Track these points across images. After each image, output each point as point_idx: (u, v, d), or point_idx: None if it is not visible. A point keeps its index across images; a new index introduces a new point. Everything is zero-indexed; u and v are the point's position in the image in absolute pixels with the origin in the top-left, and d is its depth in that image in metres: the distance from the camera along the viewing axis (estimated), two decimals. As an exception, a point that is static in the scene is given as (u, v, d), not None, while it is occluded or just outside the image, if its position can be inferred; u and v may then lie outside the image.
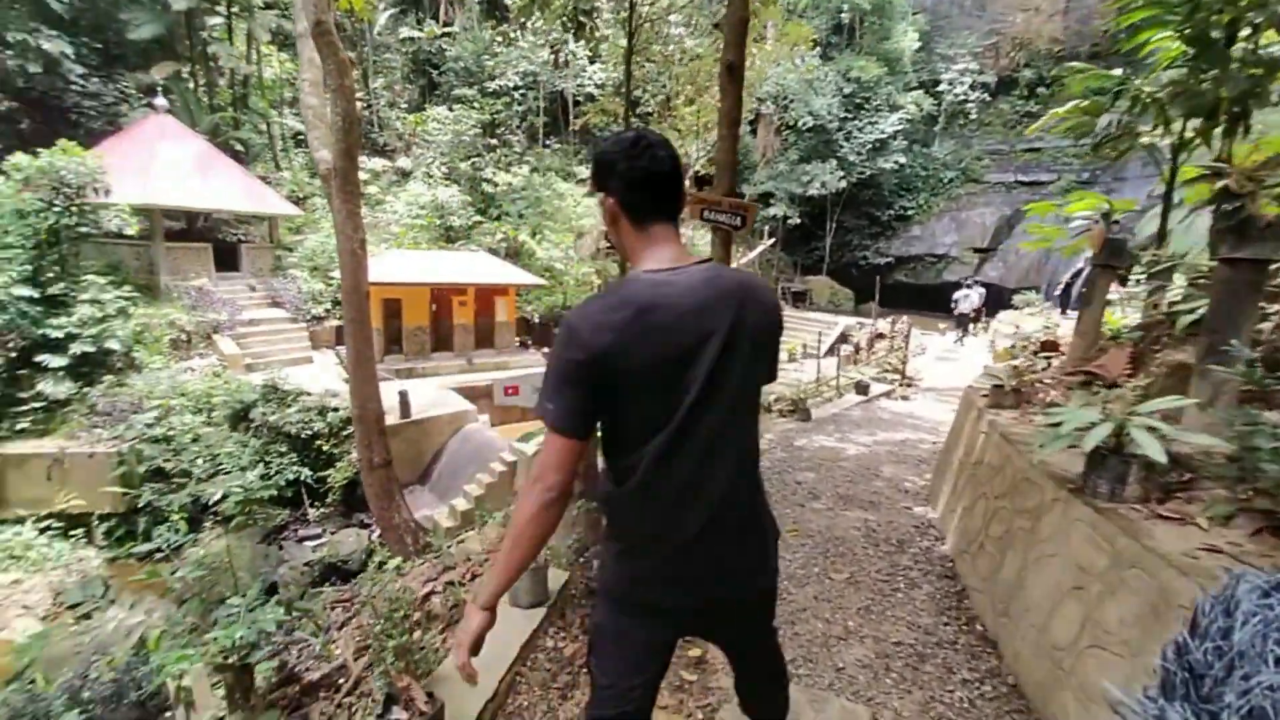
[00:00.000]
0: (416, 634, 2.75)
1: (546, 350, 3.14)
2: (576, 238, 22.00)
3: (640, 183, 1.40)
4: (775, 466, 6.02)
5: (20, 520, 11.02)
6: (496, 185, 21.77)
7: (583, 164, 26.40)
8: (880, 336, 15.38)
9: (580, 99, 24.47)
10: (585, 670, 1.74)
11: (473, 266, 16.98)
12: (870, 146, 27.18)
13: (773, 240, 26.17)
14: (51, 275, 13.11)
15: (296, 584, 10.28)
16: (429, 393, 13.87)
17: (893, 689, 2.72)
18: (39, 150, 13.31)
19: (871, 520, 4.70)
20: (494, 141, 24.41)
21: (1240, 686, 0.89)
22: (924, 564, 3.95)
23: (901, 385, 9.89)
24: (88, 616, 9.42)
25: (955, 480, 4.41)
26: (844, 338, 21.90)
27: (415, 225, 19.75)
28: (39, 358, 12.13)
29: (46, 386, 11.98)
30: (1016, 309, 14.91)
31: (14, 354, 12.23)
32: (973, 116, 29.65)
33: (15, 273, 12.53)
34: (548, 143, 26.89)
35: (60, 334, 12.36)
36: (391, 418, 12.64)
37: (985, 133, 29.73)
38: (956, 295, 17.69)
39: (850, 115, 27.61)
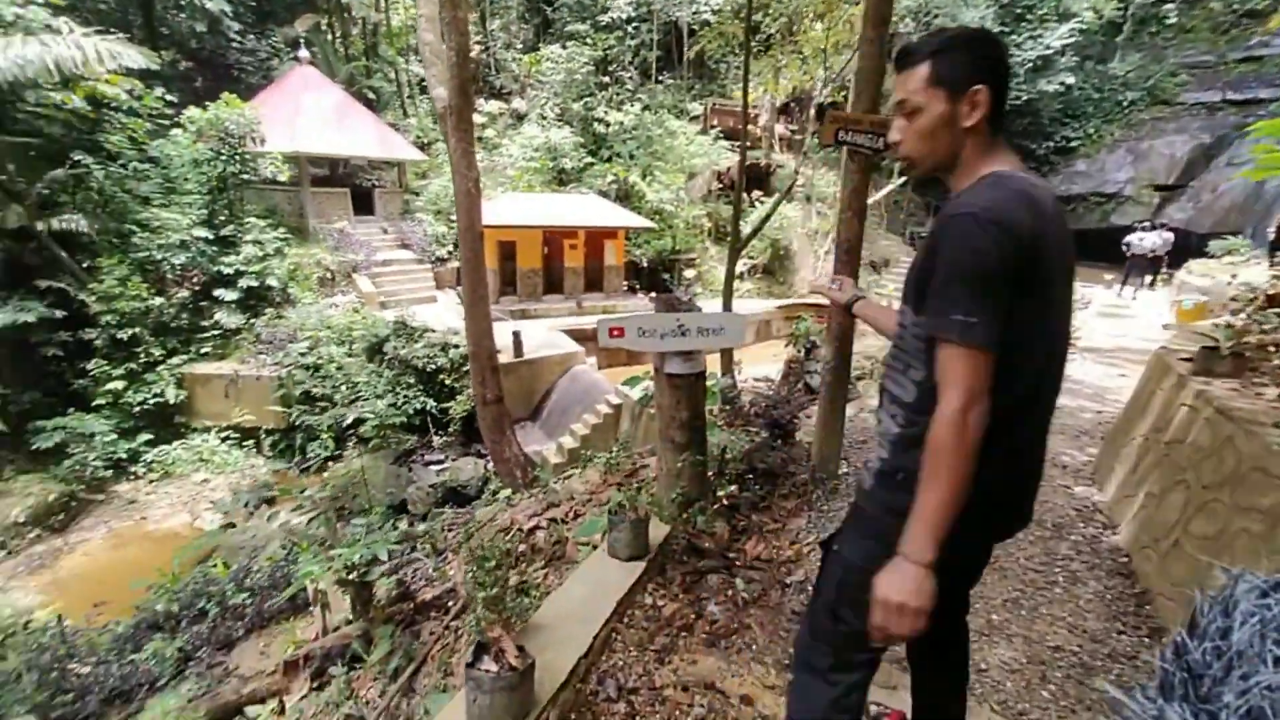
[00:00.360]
0: (513, 579, 2.66)
1: (654, 295, 2.89)
2: (688, 179, 21.21)
3: (1007, 78, 1.30)
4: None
5: (207, 430, 12.86)
6: (608, 125, 21.32)
7: (697, 99, 25.14)
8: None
9: (695, 26, 23.03)
10: (819, 632, 1.53)
11: (583, 209, 16.92)
12: (1030, 66, 23.38)
13: (905, 179, 23.70)
14: (223, 219, 14.72)
15: (422, 503, 11.22)
16: (540, 334, 14.22)
17: (1051, 704, 2.27)
18: (208, 104, 14.76)
19: (1021, 497, 4.07)
20: (606, 79, 23.81)
21: (1239, 686, 0.88)
22: (1088, 555, 3.32)
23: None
24: (253, 515, 10.90)
25: (1136, 460, 3.65)
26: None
27: (529, 168, 19.95)
28: (216, 292, 13.78)
29: (223, 317, 13.63)
30: (1213, 257, 12.41)
31: (198, 288, 14.00)
32: (1170, 20, 24.49)
33: (195, 216, 14.18)
34: (660, 78, 25.80)
35: (230, 270, 13.94)
36: (505, 356, 13.15)
37: (1185, 41, 24.50)
38: (1130, 238, 14.86)
39: (1008, 29, 23.79)
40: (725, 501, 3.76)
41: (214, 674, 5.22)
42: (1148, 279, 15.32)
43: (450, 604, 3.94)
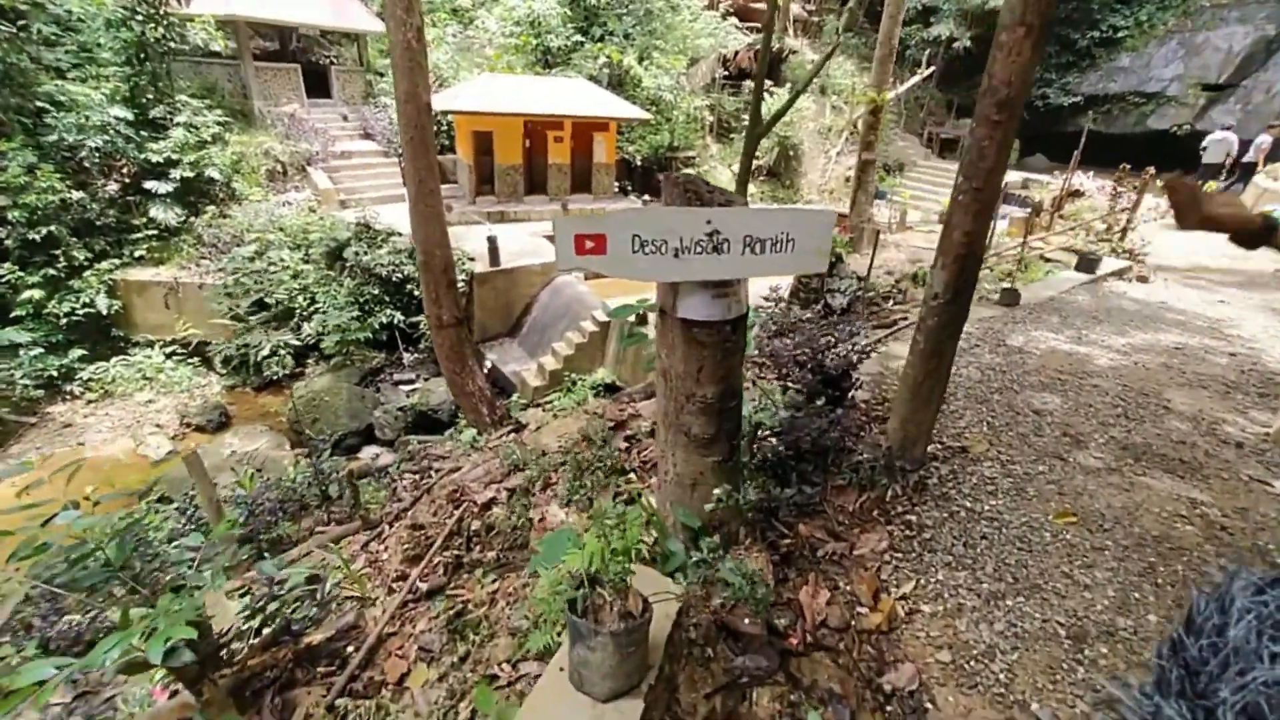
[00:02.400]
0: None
1: (666, 175, 1.63)
2: (690, 64, 18.48)
3: None
4: (992, 380, 4.10)
5: (150, 345, 11.37)
6: (601, -5, 18.22)
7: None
8: (1076, 194, 11.79)
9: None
10: None
11: (571, 96, 14.53)
12: (1084, -64, 20.03)
13: (930, 71, 20.96)
14: (150, 98, 12.39)
15: (390, 428, 10.03)
16: (521, 239, 12.48)
17: None
18: (109, -54, 11.95)
19: (1203, 501, 2.78)
20: (600, -61, 20.19)
21: (1235, 682, 0.87)
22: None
23: (1135, 262, 7.13)
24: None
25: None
26: (1006, 196, 17.88)
27: (509, 46, 17.16)
28: (147, 184, 11.77)
29: (158, 213, 11.72)
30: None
31: (127, 180, 11.96)
32: (1251, -116, 20.79)
33: (110, 89, 11.86)
34: (662, -57, 22.04)
35: (160, 158, 11.85)
36: (481, 265, 11.52)
37: (1263, -90, 20.95)
38: (1208, 140, 13.19)
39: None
40: (759, 506, 2.43)
41: None
42: (1226, 184, 13.53)
43: (350, 648, 2.69)
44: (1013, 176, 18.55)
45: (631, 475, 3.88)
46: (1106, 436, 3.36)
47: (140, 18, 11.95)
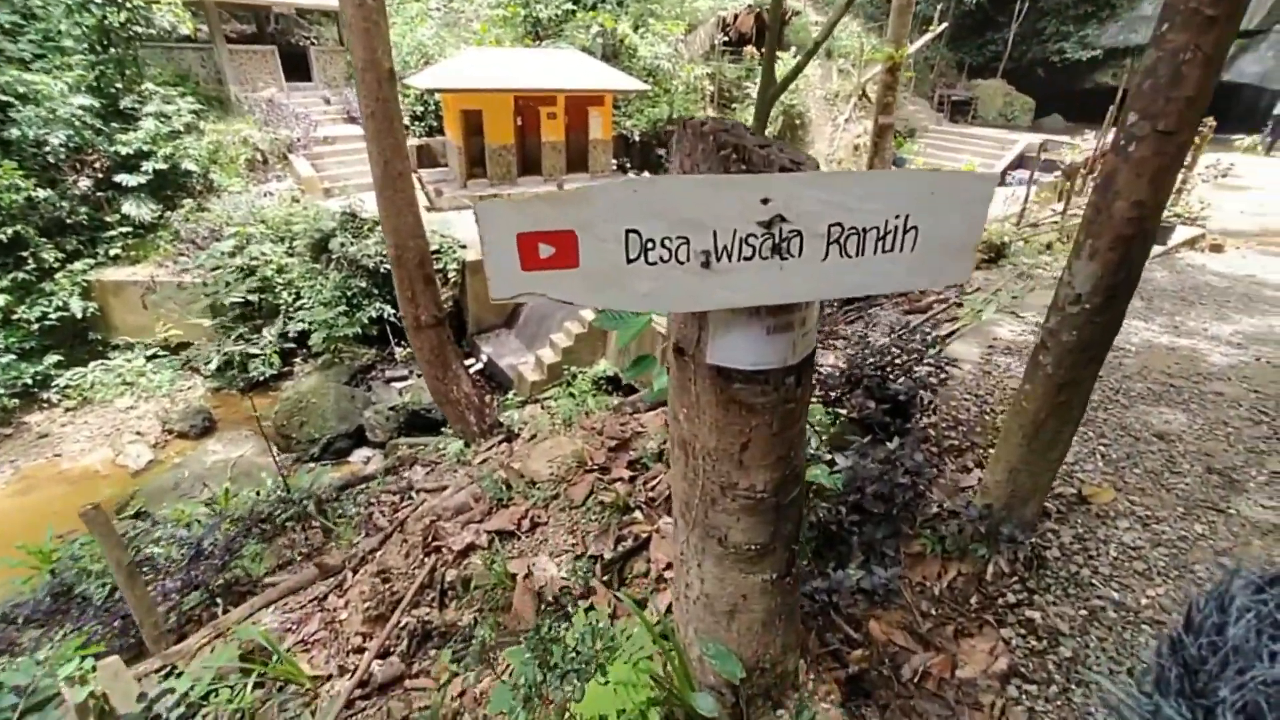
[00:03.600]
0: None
1: (686, 123, 1.00)
2: (688, 30, 17.33)
3: None
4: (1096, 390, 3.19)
5: (130, 347, 10.70)
6: (592, -39, 17.03)
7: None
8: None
9: None
10: None
11: (563, 69, 13.51)
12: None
13: (941, 29, 19.63)
14: (119, 87, 11.52)
15: (381, 429, 9.35)
16: (516, 224, 11.62)
17: None
18: (60, -80, 10.97)
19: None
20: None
21: (1235, 681, 0.86)
22: None
23: (1196, 227, 6.26)
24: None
25: None
26: (1023, 161, 16.83)
27: (497, 18, 16.06)
28: (118, 178, 10.97)
29: (130, 208, 10.94)
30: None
31: (100, 175, 11.15)
32: None
33: (73, 79, 10.99)
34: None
35: (130, 150, 11.02)
36: (472, 252, 10.71)
37: None
38: None
39: None
40: (813, 594, 1.69)
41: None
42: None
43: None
44: (1029, 139, 17.40)
45: (637, 514, 3.15)
46: (1265, 471, 2.58)
47: (99, 1, 11.02)
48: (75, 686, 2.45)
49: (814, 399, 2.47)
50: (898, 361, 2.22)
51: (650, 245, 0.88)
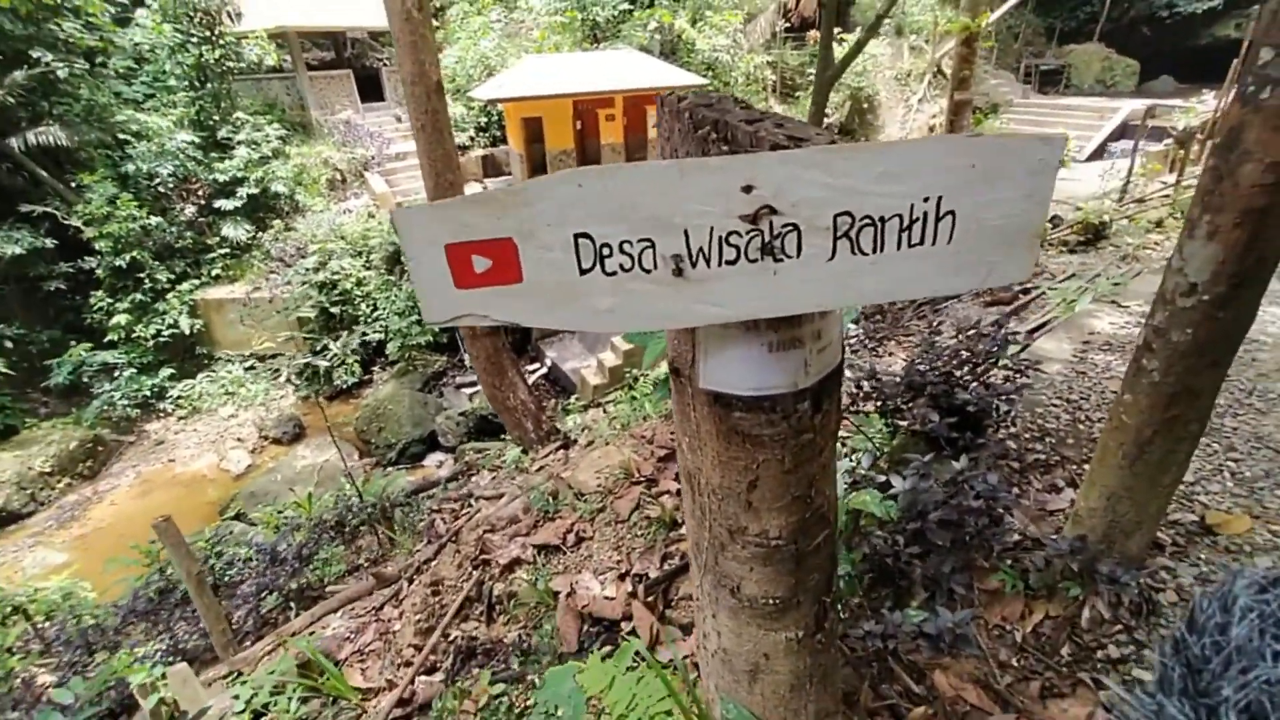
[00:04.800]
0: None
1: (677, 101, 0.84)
2: (747, 19, 16.85)
3: None
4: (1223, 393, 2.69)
5: (231, 360, 11.65)
6: (648, -41, 16.91)
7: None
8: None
9: None
10: None
11: (620, 69, 13.46)
12: None
13: (1027, -9, 18.00)
14: (216, 119, 12.61)
15: (453, 434, 9.65)
16: (575, 228, 11.69)
17: None
18: (162, -24, 12.11)
19: None
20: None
21: (1238, 680, 0.86)
22: None
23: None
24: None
25: None
26: (1126, 131, 15.19)
27: (555, 25, 16.26)
28: (217, 203, 12.00)
29: (229, 231, 11.93)
30: None
31: (203, 201, 12.23)
32: None
33: (178, 117, 12.13)
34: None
35: (227, 177, 12.02)
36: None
37: None
38: None
39: None
40: (865, 638, 1.46)
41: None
42: None
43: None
44: (1133, 105, 15.60)
45: (684, 530, 2.98)
46: None
47: (196, 39, 12.07)
48: (149, 694, 2.58)
49: (873, 409, 2.19)
50: (967, 366, 1.92)
51: (607, 252, 0.72)
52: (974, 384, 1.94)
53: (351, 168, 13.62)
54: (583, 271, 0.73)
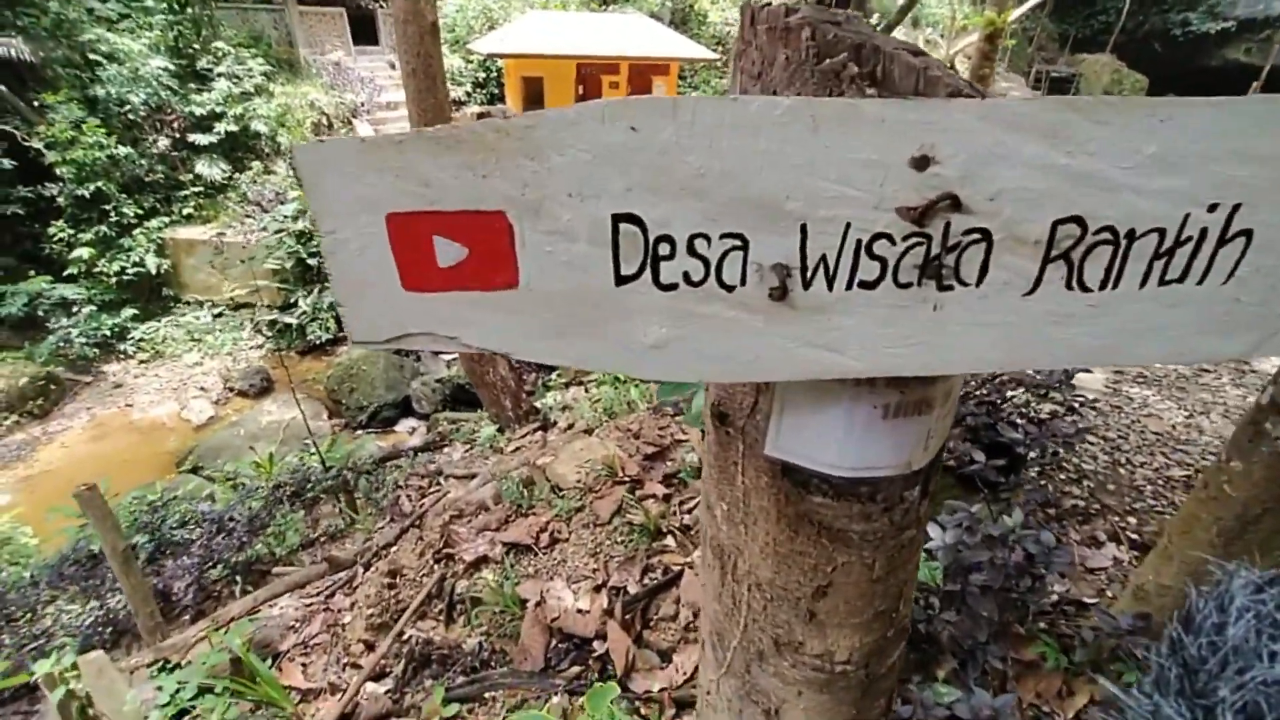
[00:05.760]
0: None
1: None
2: (763, -4, 16.20)
3: None
4: None
5: (200, 304, 11.08)
6: (665, -79, 16.11)
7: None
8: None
9: None
10: None
11: (628, 35, 12.85)
12: None
13: (1046, -4, 17.61)
14: (196, 48, 11.78)
15: (428, 400, 9.31)
16: (570, 197, 11.23)
17: None
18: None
19: None
20: None
21: (1234, 681, 0.85)
22: None
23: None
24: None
25: None
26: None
27: (564, -19, 15.47)
28: (192, 137, 11.28)
29: (203, 168, 11.25)
30: None
31: (177, 135, 11.48)
32: None
33: (152, 39, 11.28)
34: None
35: (204, 111, 11.28)
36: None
37: None
38: None
39: None
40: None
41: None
42: None
43: None
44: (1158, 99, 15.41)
45: (669, 540, 2.73)
46: None
47: (178, -41, 11.19)
48: (56, 686, 2.27)
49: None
50: (1012, 398, 1.67)
51: (665, 250, 0.42)
52: (1019, 419, 1.69)
53: (339, 113, 12.90)
54: (621, 279, 0.43)
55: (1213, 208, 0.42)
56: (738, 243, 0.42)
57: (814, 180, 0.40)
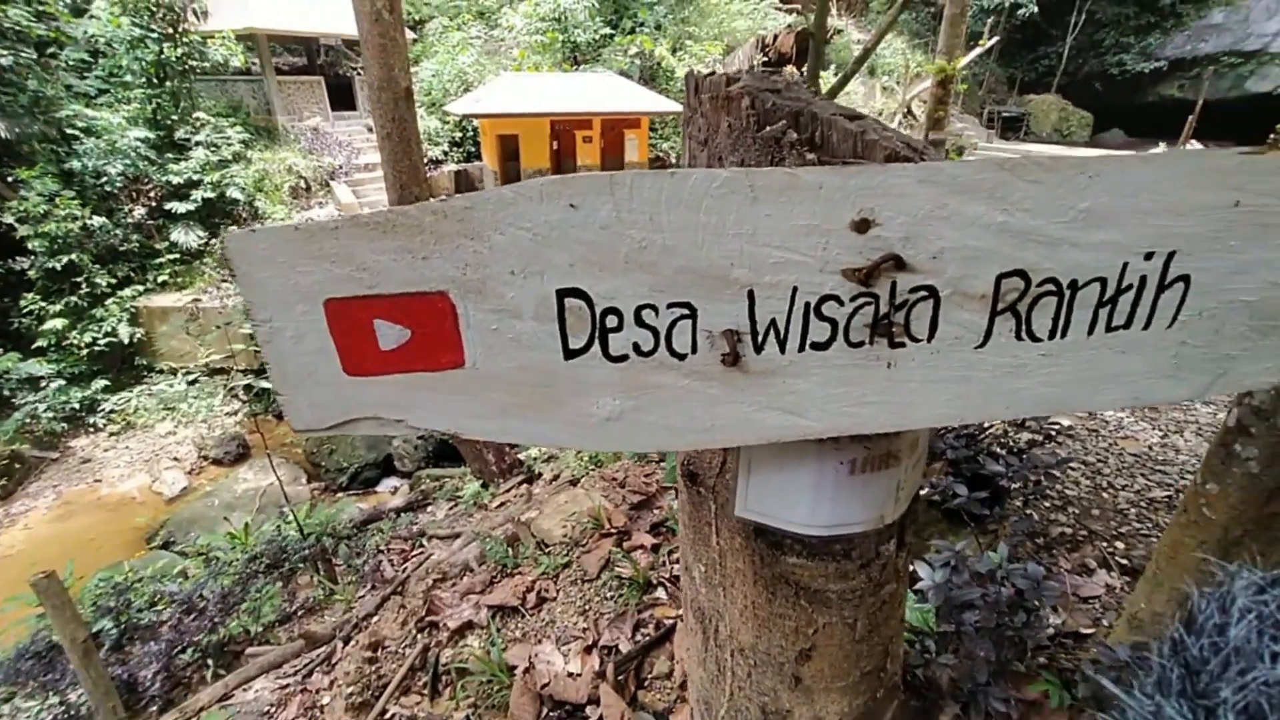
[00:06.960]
0: None
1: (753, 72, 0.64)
2: (726, 51, 17.07)
3: None
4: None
5: (174, 372, 10.86)
6: (630, -13, 17.05)
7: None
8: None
9: None
10: None
11: (599, 92, 13.37)
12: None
13: (993, 43, 18.78)
14: (174, 119, 11.96)
15: (410, 458, 9.14)
16: (548, 247, 11.39)
17: None
18: (122, -35, 11.52)
19: None
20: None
21: (1236, 682, 0.84)
22: None
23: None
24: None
25: None
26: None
27: (535, 45, 16.15)
28: (168, 205, 11.31)
29: (179, 235, 11.23)
30: None
31: (153, 204, 11.52)
32: None
33: (131, 114, 11.44)
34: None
35: (181, 179, 11.35)
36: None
37: None
38: None
39: None
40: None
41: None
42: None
43: None
44: (1088, 155, 16.29)
45: (660, 592, 2.64)
46: None
47: (156, 35, 11.46)
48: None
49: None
50: (990, 429, 1.67)
51: (613, 323, 0.41)
52: (999, 449, 1.69)
53: (317, 176, 13.09)
54: (570, 353, 0.42)
55: (1149, 256, 0.43)
56: (686, 311, 0.42)
57: (757, 248, 0.40)
